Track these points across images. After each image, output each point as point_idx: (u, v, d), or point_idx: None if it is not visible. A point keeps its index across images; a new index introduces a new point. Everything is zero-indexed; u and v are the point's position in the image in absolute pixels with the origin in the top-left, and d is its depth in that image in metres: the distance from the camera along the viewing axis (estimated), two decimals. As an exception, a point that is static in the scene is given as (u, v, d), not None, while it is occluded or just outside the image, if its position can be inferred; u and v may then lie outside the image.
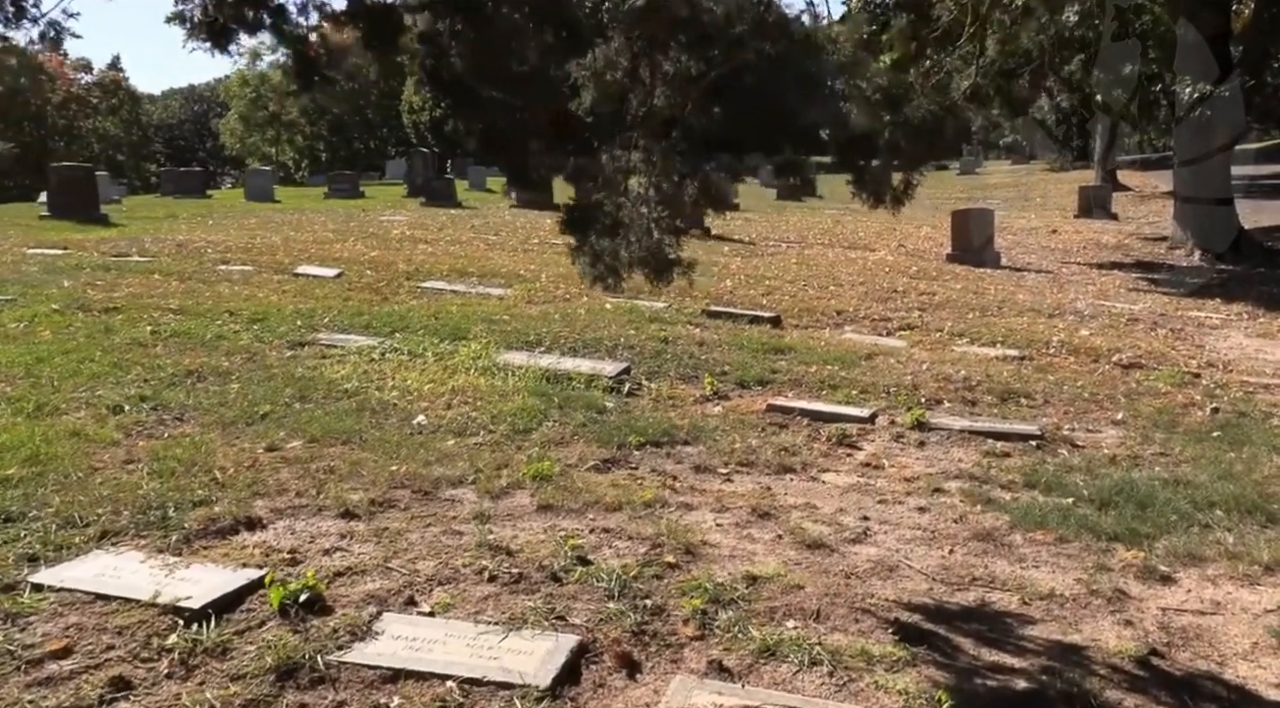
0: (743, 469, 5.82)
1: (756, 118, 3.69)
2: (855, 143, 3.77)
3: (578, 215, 3.96)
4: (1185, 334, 11.57)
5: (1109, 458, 6.28)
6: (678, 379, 7.78)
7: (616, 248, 4.11)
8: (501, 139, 3.91)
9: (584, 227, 3.94)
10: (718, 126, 4.05)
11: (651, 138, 4.08)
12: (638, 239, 4.27)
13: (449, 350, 8.01)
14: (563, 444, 5.93)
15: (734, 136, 4.10)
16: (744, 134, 3.86)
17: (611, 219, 3.95)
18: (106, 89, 70.65)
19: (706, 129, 4.16)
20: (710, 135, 4.20)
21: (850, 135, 3.75)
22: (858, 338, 9.95)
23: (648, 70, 4.03)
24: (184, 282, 10.85)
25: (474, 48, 3.94)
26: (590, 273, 4.17)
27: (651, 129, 4.09)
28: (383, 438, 5.57)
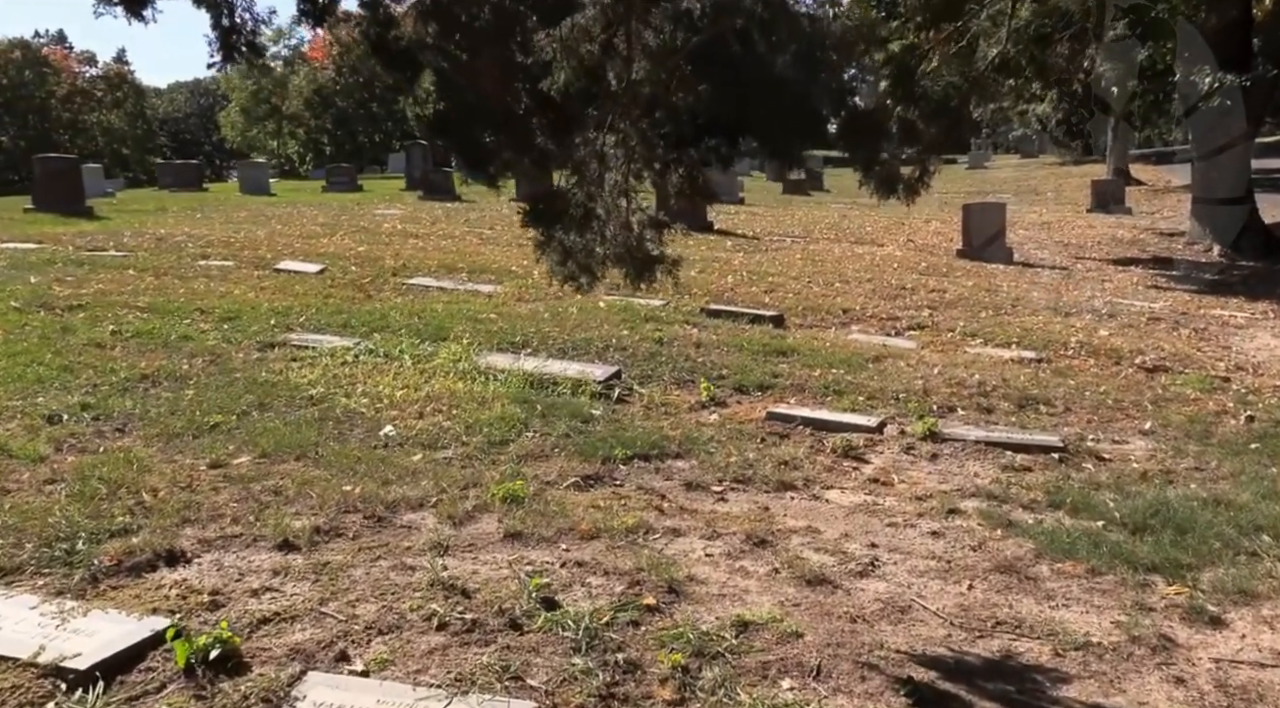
0: (738, 486, 5.31)
1: (750, 96, 3.18)
2: (861, 123, 3.26)
3: (543, 206, 3.45)
4: (1209, 334, 11.01)
5: (1139, 473, 5.75)
6: (672, 384, 7.26)
7: (589, 243, 3.60)
8: (455, 118, 3.40)
9: (550, 219, 3.43)
10: (706, 106, 3.53)
11: (630, 119, 3.54)
12: (615, 234, 3.75)
13: (428, 353, 7.50)
14: (542, 458, 5.42)
15: (725, 118, 3.57)
16: (737, 115, 3.34)
17: (583, 210, 3.43)
18: (111, 82, 70.34)
19: (693, 109, 3.63)
20: (698, 116, 3.67)
21: (855, 114, 3.23)
22: (865, 338, 9.42)
23: (624, 41, 3.50)
24: (159, 278, 10.35)
25: (424, 14, 3.41)
26: (560, 271, 3.65)
27: (630, 109, 3.55)
28: (342, 452, 5.06)
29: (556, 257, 3.57)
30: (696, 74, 3.29)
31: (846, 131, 3.28)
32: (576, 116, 3.54)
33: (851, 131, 3.27)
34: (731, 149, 3.77)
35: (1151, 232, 21.88)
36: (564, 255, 3.59)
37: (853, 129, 3.26)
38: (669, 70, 3.46)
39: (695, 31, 3.17)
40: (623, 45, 3.50)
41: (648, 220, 3.77)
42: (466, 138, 3.43)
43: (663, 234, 3.83)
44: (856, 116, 3.26)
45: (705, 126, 3.75)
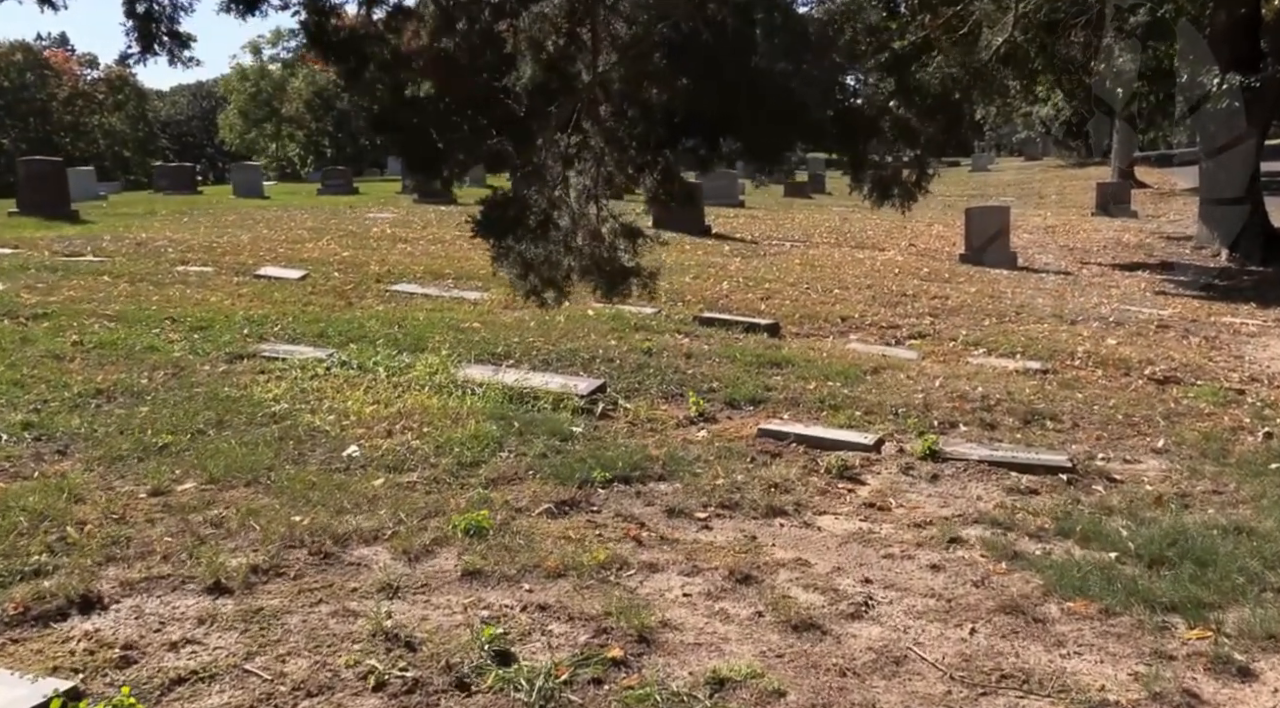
0: (724, 512, 4.95)
1: (726, 90, 2.83)
2: (851, 120, 2.91)
3: (498, 214, 3.12)
4: (1221, 343, 10.65)
5: (1153, 497, 5.39)
6: (659, 398, 6.91)
7: (553, 254, 3.24)
8: (400, 115, 3.05)
9: (504, 228, 3.09)
10: (682, 103, 3.17)
11: (596, 118, 3.19)
12: (583, 244, 3.39)
13: (405, 365, 7.15)
14: (514, 482, 5.07)
15: (703, 116, 3.21)
16: (715, 113, 2.99)
17: (542, 218, 3.08)
18: (113, 85, 70.24)
19: (668, 107, 3.27)
20: (674, 114, 3.31)
21: (844, 110, 2.88)
22: (863, 348, 9.06)
23: (590, 31, 3.15)
24: (134, 284, 10.02)
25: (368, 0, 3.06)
26: (521, 286, 3.32)
27: (597, 106, 3.19)
28: (297, 477, 4.71)
29: (516, 270, 3.24)
30: (670, 67, 2.94)
31: (834, 129, 2.93)
32: (538, 115, 3.18)
33: (840, 129, 2.92)
34: (711, 151, 3.42)
35: (1158, 235, 21.50)
36: (524, 268, 3.25)
37: (841, 126, 2.91)
38: (640, 63, 3.10)
39: (665, 18, 2.81)
40: (588, 35, 3.14)
41: (620, 228, 3.43)
42: (413, 137, 3.09)
43: (636, 243, 3.48)
44: (845, 112, 2.91)
45: (682, 126, 3.39)
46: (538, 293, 3.37)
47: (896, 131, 3.04)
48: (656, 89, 3.03)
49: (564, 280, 3.38)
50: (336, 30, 3.07)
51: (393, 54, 3.00)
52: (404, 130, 3.09)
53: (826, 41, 2.77)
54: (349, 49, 3.08)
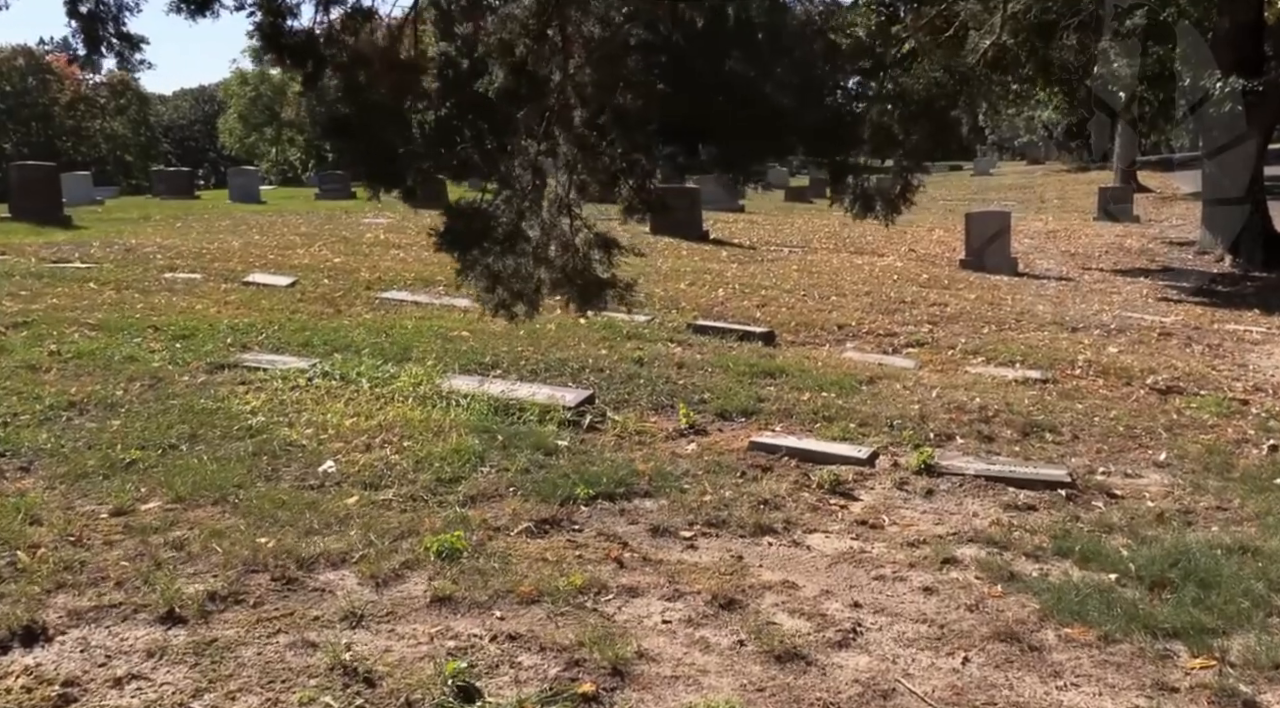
0: (711, 531, 4.79)
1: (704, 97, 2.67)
2: (829, 128, 2.73)
3: (461, 226, 2.95)
4: (1224, 351, 10.47)
5: (1155, 514, 5.22)
6: (649, 410, 6.74)
7: (522, 266, 3.07)
8: (358, 121, 2.89)
9: (470, 240, 2.93)
10: (656, 108, 3.00)
11: (566, 124, 3.03)
12: (555, 255, 3.23)
13: (389, 375, 6.98)
14: (494, 499, 4.91)
15: (679, 122, 3.04)
16: (691, 119, 2.82)
17: (510, 229, 2.92)
18: (115, 89, 70.33)
19: (643, 112, 3.11)
20: (649, 121, 3.15)
21: (823, 117, 2.71)
22: (860, 357, 8.90)
23: (559, 31, 2.99)
24: (119, 291, 9.87)
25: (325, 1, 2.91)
26: (488, 300, 3.17)
27: (568, 112, 3.03)
28: (268, 495, 4.55)
29: (483, 283, 3.08)
30: (643, 70, 2.78)
31: (811, 137, 2.76)
32: (506, 121, 3.02)
33: (817, 137, 2.75)
34: (690, 157, 3.23)
35: (1160, 240, 21.34)
36: (492, 281, 3.10)
37: (819, 134, 2.74)
38: (610, 66, 2.94)
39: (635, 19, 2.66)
40: (558, 36, 2.98)
41: (594, 239, 3.27)
42: (372, 144, 2.93)
43: (612, 254, 3.31)
44: (823, 119, 2.74)
45: (659, 132, 3.22)
46: (507, 307, 3.21)
47: (878, 139, 2.87)
48: (629, 94, 2.87)
49: (535, 293, 3.22)
50: (293, 32, 2.92)
51: (351, 56, 2.85)
52: (360, 137, 2.93)
53: (803, 44, 2.61)
54: (305, 51, 2.92)
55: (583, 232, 3.29)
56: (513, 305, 3.19)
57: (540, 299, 3.32)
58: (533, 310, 3.32)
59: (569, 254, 3.21)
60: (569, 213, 3.22)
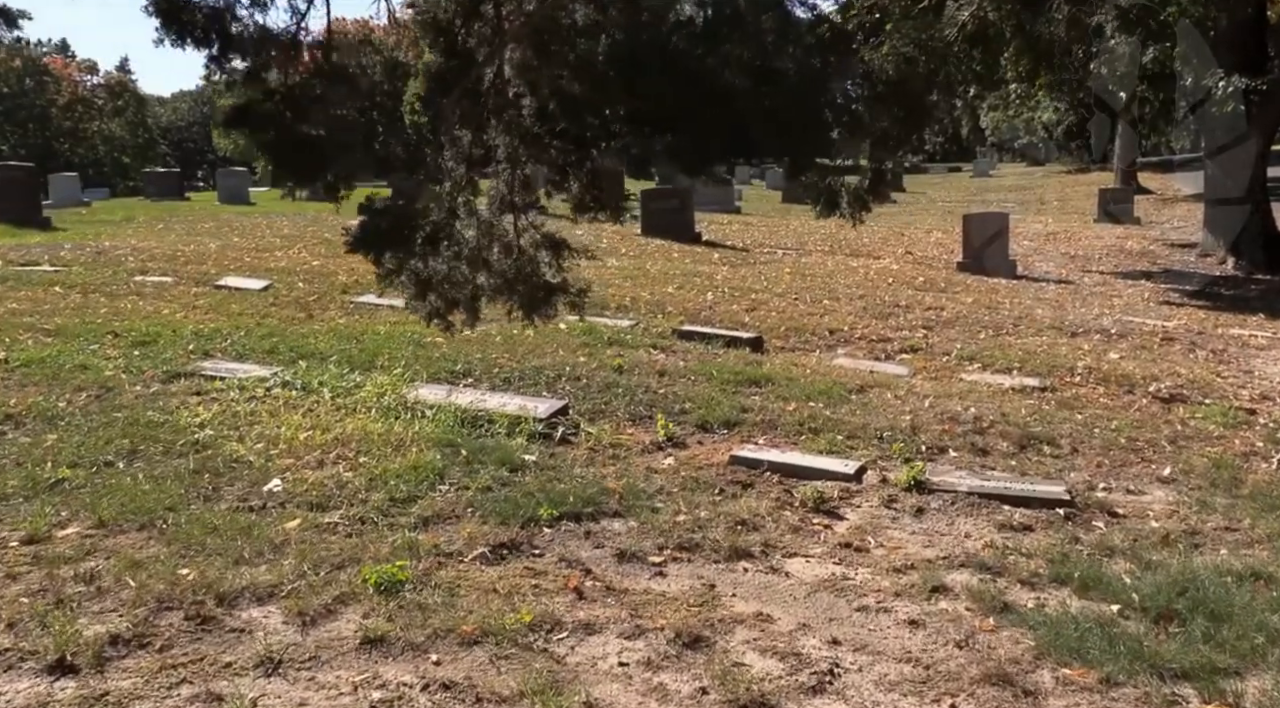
0: (682, 556, 4.45)
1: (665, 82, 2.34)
2: (786, 111, 2.41)
3: (383, 225, 2.60)
4: (1229, 357, 10.13)
5: (1160, 536, 4.88)
6: (626, 421, 6.41)
7: (457, 271, 2.73)
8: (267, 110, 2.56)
9: (388, 242, 2.58)
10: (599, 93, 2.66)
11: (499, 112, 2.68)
12: (499, 257, 2.89)
13: (354, 384, 6.65)
14: (450, 521, 4.57)
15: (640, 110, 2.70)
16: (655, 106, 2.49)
17: (441, 228, 2.58)
18: (113, 91, 70.02)
19: (590, 99, 2.77)
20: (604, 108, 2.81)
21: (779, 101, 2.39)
22: (851, 364, 8.55)
23: (495, 8, 2.65)
24: (85, 295, 9.54)
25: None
26: (419, 308, 2.84)
27: (505, 97, 2.68)
28: (201, 519, 4.21)
29: (412, 289, 2.74)
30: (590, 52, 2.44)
31: (768, 123, 2.43)
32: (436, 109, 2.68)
33: (772, 123, 2.42)
34: (646, 150, 2.91)
35: (1161, 242, 20.99)
36: (421, 287, 2.76)
37: (775, 119, 2.41)
38: (553, 47, 2.60)
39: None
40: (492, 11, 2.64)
41: (542, 240, 2.92)
42: (284, 136, 2.59)
43: (561, 257, 2.97)
44: (778, 103, 2.41)
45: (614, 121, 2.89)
46: (441, 316, 2.88)
47: (842, 125, 2.55)
48: (573, 78, 2.54)
49: (474, 300, 2.89)
50: (194, 8, 2.59)
51: (260, 33, 2.52)
52: (269, 126, 2.59)
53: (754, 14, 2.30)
54: (210, 29, 2.59)
55: (529, 232, 2.95)
56: (448, 314, 2.86)
57: (480, 307, 2.98)
58: (472, 319, 2.98)
59: (513, 257, 2.88)
60: (514, 211, 2.88)
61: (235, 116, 2.71)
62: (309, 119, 2.54)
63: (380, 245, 2.68)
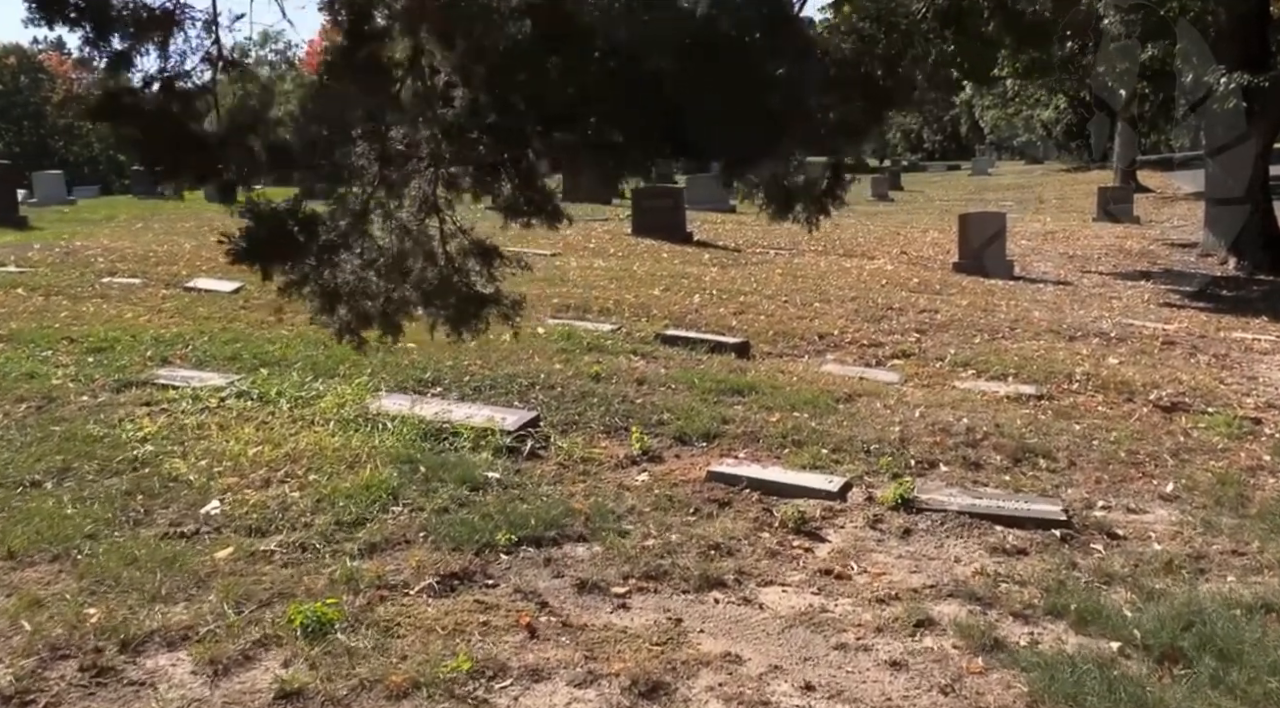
0: (648, 585, 4.13)
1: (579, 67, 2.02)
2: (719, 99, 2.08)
3: (273, 230, 2.26)
4: (1231, 362, 9.80)
5: (1163, 562, 4.56)
6: (600, 433, 6.09)
7: (369, 282, 2.40)
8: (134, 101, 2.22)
9: (284, 249, 2.25)
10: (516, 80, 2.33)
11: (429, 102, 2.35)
12: (422, 266, 2.56)
13: (314, 394, 6.33)
14: (399, 547, 4.25)
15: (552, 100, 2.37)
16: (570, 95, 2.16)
17: (345, 235, 2.25)
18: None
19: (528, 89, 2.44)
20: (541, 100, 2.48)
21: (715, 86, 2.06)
22: (840, 370, 8.22)
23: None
24: (47, 298, 9.22)
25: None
26: (327, 322, 2.51)
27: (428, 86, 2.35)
28: (120, 548, 3.88)
29: (317, 302, 2.40)
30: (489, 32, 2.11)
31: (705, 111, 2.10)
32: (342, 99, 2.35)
33: (707, 112, 2.09)
34: (556, 148, 2.57)
35: (1161, 242, 20.66)
36: (328, 300, 2.42)
37: (709, 108, 2.08)
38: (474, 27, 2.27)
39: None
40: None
41: (471, 246, 2.58)
42: (154, 128, 2.26)
43: (493, 265, 2.64)
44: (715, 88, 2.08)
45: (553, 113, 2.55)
46: (353, 332, 2.57)
47: (792, 114, 2.22)
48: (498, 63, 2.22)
49: (390, 314, 2.56)
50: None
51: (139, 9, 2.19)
52: (138, 120, 2.26)
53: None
54: (87, 11, 2.26)
55: (457, 237, 2.62)
56: (361, 329, 2.53)
57: (400, 321, 2.66)
58: (391, 334, 2.66)
59: (437, 265, 2.55)
60: (439, 215, 2.55)
61: (101, 108, 2.37)
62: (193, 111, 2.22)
63: (269, 254, 2.35)
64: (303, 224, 2.35)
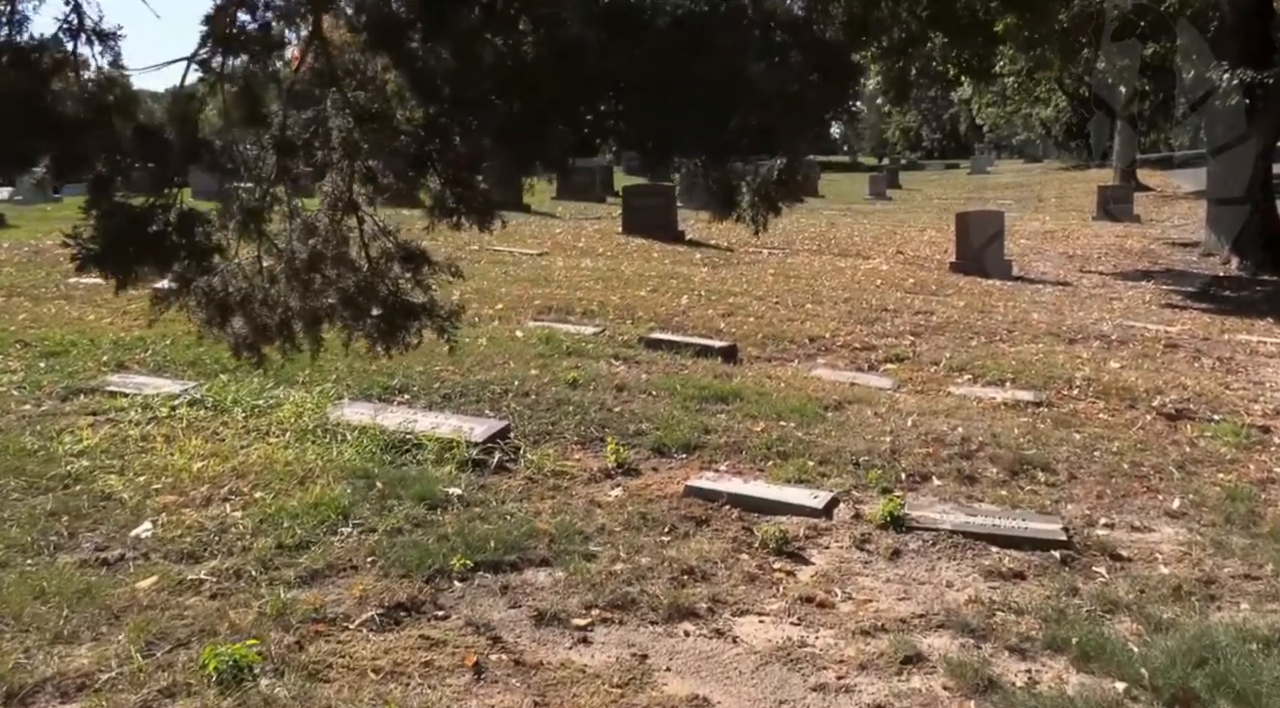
0: (613, 616, 3.80)
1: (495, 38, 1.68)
2: (645, 73, 1.76)
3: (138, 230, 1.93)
4: (1237, 365, 9.47)
5: (1171, 587, 4.23)
6: (574, 444, 5.75)
7: (263, 290, 2.07)
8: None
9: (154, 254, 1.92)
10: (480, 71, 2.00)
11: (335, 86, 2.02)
12: (338, 273, 2.22)
13: (273, 402, 6.00)
14: (344, 573, 3.92)
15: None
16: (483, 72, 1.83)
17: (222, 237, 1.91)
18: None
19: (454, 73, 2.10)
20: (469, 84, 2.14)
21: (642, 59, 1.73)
22: (830, 375, 7.89)
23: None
24: (9, 299, 8.89)
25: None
26: (218, 336, 2.24)
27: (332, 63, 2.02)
28: (31, 579, 3.54)
29: (204, 314, 2.09)
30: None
31: (627, 85, 1.77)
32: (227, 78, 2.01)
33: (632, 84, 1.76)
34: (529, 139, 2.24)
35: (1162, 241, 20.33)
36: (219, 312, 2.10)
37: (632, 84, 1.75)
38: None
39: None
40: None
41: (396, 250, 2.25)
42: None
43: (422, 272, 2.30)
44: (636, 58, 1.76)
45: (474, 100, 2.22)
46: (252, 348, 2.23)
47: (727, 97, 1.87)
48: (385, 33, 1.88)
49: (303, 326, 2.22)
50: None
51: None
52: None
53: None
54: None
55: (379, 240, 2.29)
56: (260, 343, 2.20)
57: (317, 332, 2.32)
58: (294, 348, 2.33)
59: (357, 272, 2.21)
60: (357, 214, 2.21)
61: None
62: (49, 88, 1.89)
63: (131, 260, 2.01)
64: (179, 224, 2.02)
